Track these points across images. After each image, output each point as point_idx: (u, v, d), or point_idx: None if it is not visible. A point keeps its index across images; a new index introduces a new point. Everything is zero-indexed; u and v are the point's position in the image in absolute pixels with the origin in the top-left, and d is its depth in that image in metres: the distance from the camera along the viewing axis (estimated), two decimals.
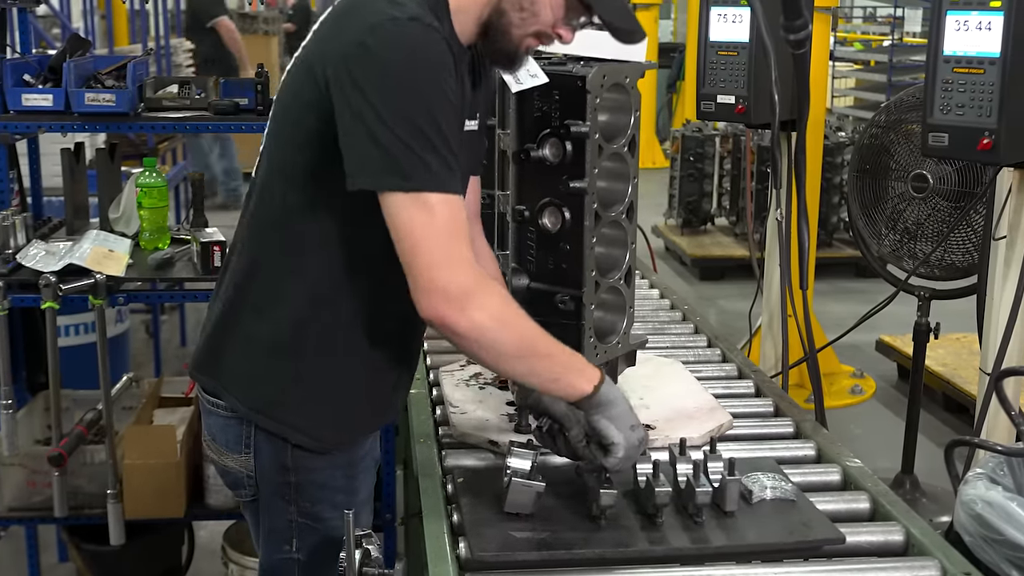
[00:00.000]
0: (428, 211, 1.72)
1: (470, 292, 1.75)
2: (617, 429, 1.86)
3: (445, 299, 1.74)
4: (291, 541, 2.01)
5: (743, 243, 8.00)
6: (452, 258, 1.74)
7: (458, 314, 1.75)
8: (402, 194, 1.72)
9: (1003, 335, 2.94)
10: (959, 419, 5.26)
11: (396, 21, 1.73)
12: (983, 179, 3.80)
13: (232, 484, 2.08)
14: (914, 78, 13.84)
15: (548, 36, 1.89)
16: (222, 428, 2.01)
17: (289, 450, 1.95)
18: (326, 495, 2.00)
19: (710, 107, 3.54)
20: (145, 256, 3.27)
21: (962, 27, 2.69)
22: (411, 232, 1.73)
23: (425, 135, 1.71)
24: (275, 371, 1.94)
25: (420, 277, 1.74)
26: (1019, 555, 1.87)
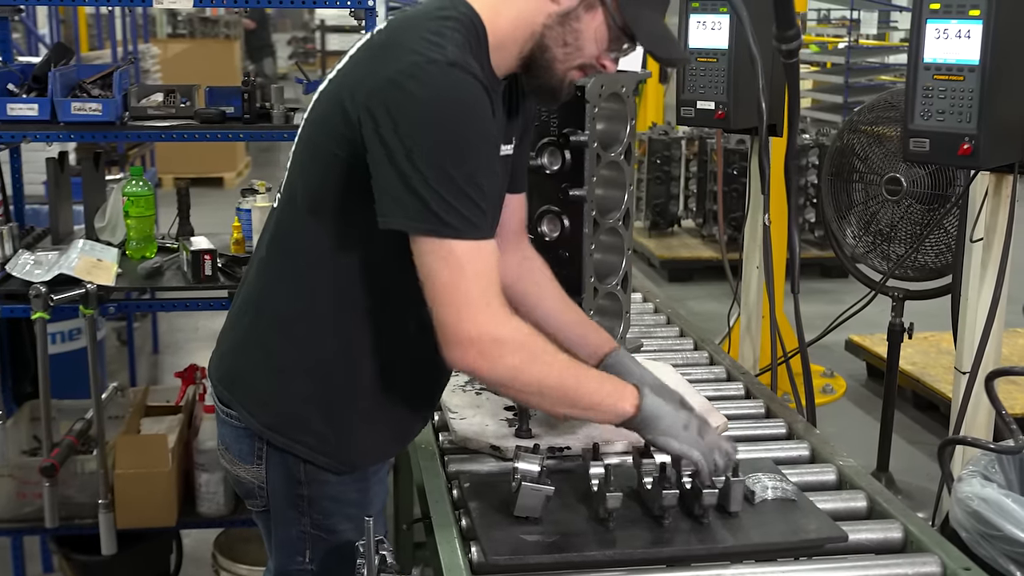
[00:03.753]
0: (456, 261, 1.72)
1: (499, 341, 1.75)
2: (677, 440, 1.89)
3: (476, 351, 1.75)
4: (304, 552, 2.01)
5: (710, 245, 8.09)
6: (480, 308, 1.74)
7: (488, 364, 1.76)
8: (432, 240, 1.72)
9: (981, 336, 3.00)
10: (929, 417, 5.36)
11: (436, 64, 1.70)
12: (955, 182, 3.88)
13: (245, 494, 2.08)
14: (870, 80, 14.02)
15: (592, 68, 1.88)
16: (235, 439, 2.01)
17: (301, 465, 1.95)
18: (339, 508, 2.00)
19: (690, 112, 3.58)
20: (133, 265, 3.27)
21: (942, 35, 2.75)
22: (439, 283, 1.73)
23: (457, 182, 1.70)
24: (294, 393, 1.93)
25: (447, 328, 1.75)
26: (1017, 550, 1.92)
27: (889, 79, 13.72)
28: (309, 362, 1.91)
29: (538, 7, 1.83)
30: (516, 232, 2.15)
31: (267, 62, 14.44)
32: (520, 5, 1.84)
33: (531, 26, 1.84)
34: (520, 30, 1.84)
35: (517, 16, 1.84)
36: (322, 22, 18.34)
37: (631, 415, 1.87)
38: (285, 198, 1.94)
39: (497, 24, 1.83)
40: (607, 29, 1.84)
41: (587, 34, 1.84)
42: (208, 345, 2.11)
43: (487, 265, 1.75)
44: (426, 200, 1.69)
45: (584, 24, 1.83)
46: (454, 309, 1.74)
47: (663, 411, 1.89)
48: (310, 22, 19.43)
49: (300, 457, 1.94)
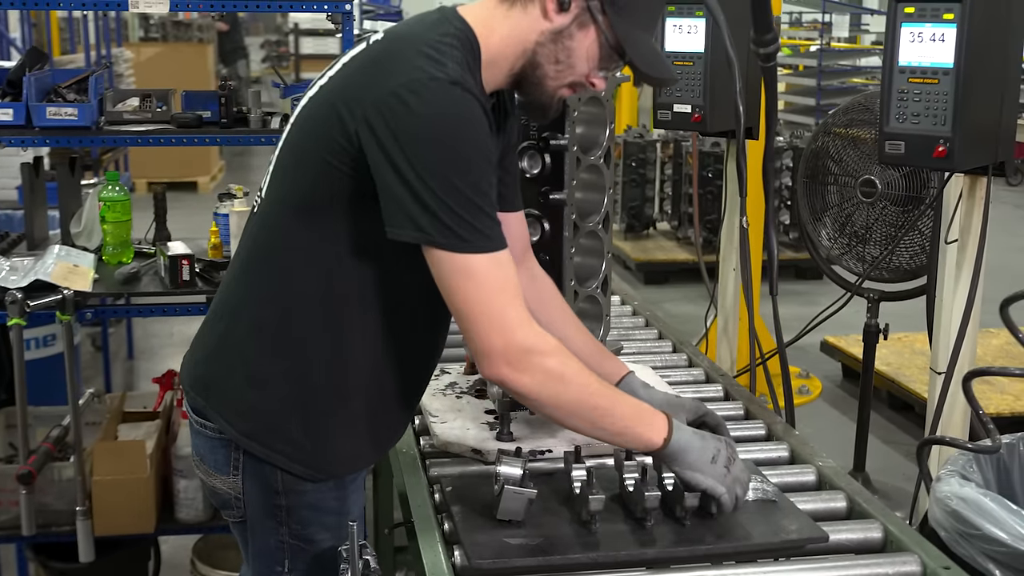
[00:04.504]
0: (476, 275, 1.74)
1: (528, 351, 1.77)
2: (703, 475, 1.89)
3: (505, 362, 1.76)
4: (283, 562, 2.00)
5: (686, 247, 8.12)
6: (506, 320, 1.76)
7: (519, 375, 1.77)
8: (450, 255, 1.73)
9: (956, 336, 3.02)
10: (904, 417, 5.40)
11: (439, 82, 1.71)
12: (929, 184, 3.92)
13: (221, 504, 2.06)
14: (842, 83, 14.12)
15: (582, 85, 1.89)
16: (210, 450, 1.99)
17: (279, 474, 1.93)
18: (317, 517, 1.98)
19: (667, 116, 3.60)
20: (110, 271, 3.25)
21: (916, 39, 2.77)
22: (463, 298, 1.75)
23: (466, 195, 1.71)
24: (271, 400, 1.91)
25: (478, 342, 1.77)
26: (996, 548, 1.94)
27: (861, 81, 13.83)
28: (288, 369, 1.90)
29: (531, 25, 1.84)
30: (521, 251, 2.14)
31: (240, 65, 14.38)
32: (513, 22, 1.84)
33: (523, 43, 1.84)
34: (512, 47, 1.85)
35: (510, 33, 1.84)
36: (296, 26, 18.28)
37: (658, 447, 1.88)
38: (267, 202, 1.93)
39: (491, 40, 1.84)
40: (599, 47, 1.84)
41: (579, 52, 1.84)
42: (184, 351, 2.09)
43: (506, 275, 1.77)
44: (438, 214, 1.70)
45: (576, 42, 1.84)
46: (481, 323, 1.75)
47: (692, 444, 1.89)
48: (283, 25, 19.37)
49: (277, 466, 1.93)
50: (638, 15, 1.85)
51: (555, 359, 1.80)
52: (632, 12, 1.83)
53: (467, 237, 1.72)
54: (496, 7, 1.86)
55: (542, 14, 1.83)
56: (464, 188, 1.71)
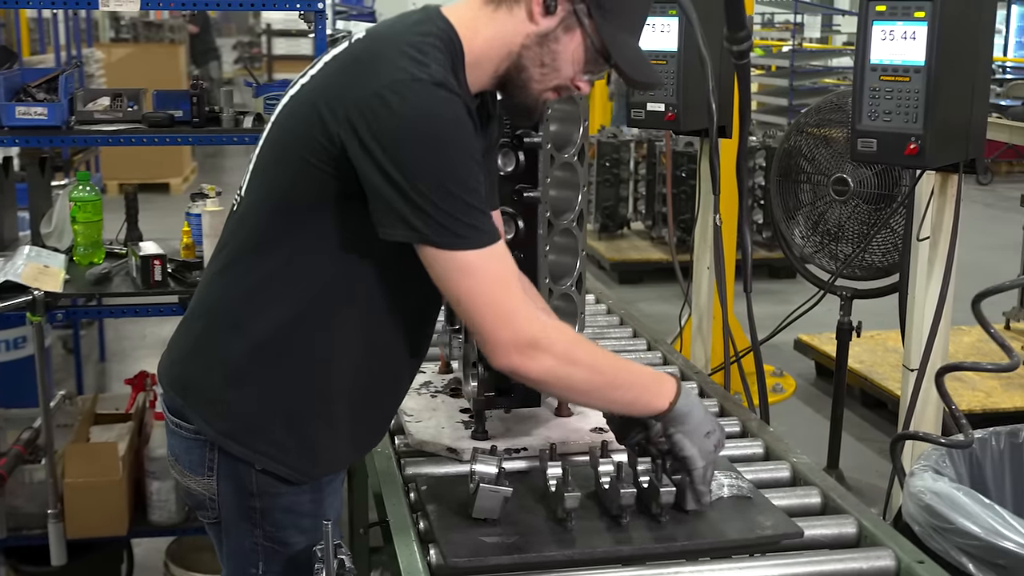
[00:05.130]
0: (475, 271, 1.75)
1: (535, 339, 1.78)
2: (691, 442, 1.92)
3: (516, 352, 1.78)
4: (257, 564, 1.98)
5: (660, 247, 8.14)
6: (509, 312, 1.77)
7: (529, 362, 1.79)
8: (445, 253, 1.73)
9: (928, 333, 3.04)
10: (877, 414, 5.43)
11: (422, 84, 1.71)
12: (900, 182, 3.94)
13: (196, 505, 2.04)
14: (814, 83, 14.20)
15: (567, 88, 1.89)
16: (186, 450, 1.97)
17: (254, 475, 1.92)
18: (292, 520, 1.96)
19: (640, 115, 3.60)
20: (81, 271, 3.23)
21: (888, 36, 2.79)
22: (467, 296, 1.77)
23: (454, 193, 1.71)
24: (252, 401, 1.90)
25: (486, 336, 1.78)
26: (969, 542, 1.95)
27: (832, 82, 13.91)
28: (270, 370, 1.88)
29: (517, 27, 1.83)
30: None
31: (212, 66, 14.31)
32: (499, 24, 1.84)
33: (509, 45, 1.84)
34: (497, 49, 1.84)
35: (495, 35, 1.84)
36: (268, 26, 18.21)
37: (664, 411, 1.91)
38: (246, 201, 1.91)
39: (474, 42, 1.83)
40: (584, 51, 1.84)
41: (565, 55, 1.84)
42: (156, 352, 2.08)
43: (504, 267, 1.79)
44: (430, 214, 1.70)
45: (562, 45, 1.83)
46: (487, 318, 1.77)
47: (695, 412, 1.93)
48: (255, 26, 19.29)
49: (255, 467, 1.91)
50: (624, 18, 1.85)
51: (562, 343, 1.82)
52: (618, 15, 1.83)
53: (462, 233, 1.72)
54: (481, 8, 1.85)
55: (528, 17, 1.82)
56: (453, 186, 1.71)
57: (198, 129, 3.36)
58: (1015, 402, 5.02)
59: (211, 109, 3.45)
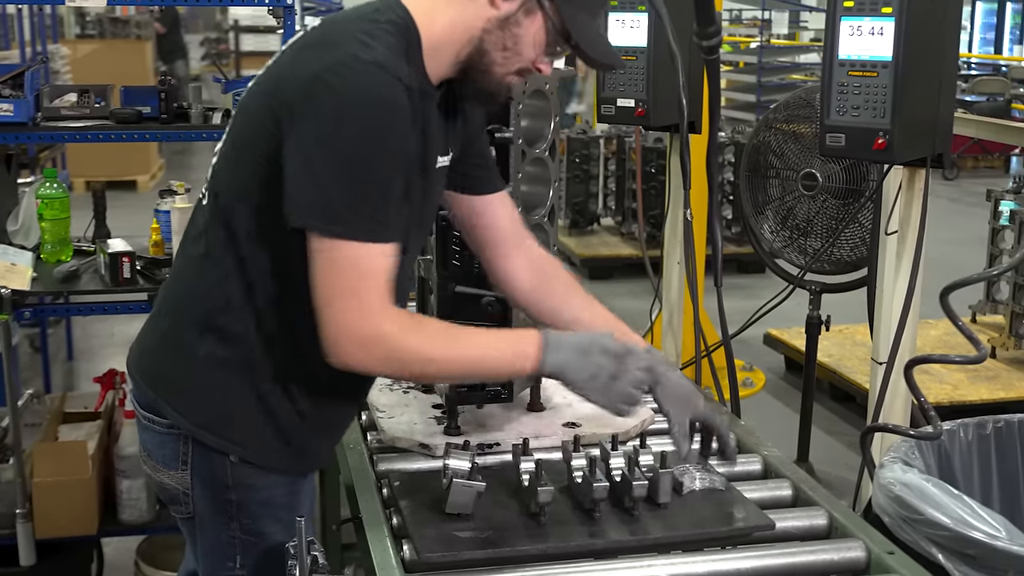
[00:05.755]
0: (343, 260, 1.73)
1: (381, 334, 1.77)
2: (586, 391, 1.91)
3: (355, 345, 1.77)
4: (235, 558, 1.98)
5: (630, 242, 8.16)
6: (361, 305, 1.75)
7: (367, 357, 1.78)
8: (323, 239, 1.73)
9: (897, 326, 3.06)
10: (845, 407, 5.47)
11: (359, 62, 1.71)
12: (868, 177, 3.97)
13: (169, 500, 2.04)
14: (782, 79, 14.26)
15: (529, 71, 1.90)
16: (158, 444, 1.97)
17: (229, 467, 1.92)
18: (268, 512, 1.97)
19: (610, 110, 3.61)
20: (49, 269, 3.20)
21: (856, 32, 2.80)
22: (323, 281, 1.75)
23: (361, 183, 1.71)
24: (224, 391, 1.91)
25: (326, 326, 1.77)
26: (938, 533, 1.97)
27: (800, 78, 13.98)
28: (237, 360, 1.89)
29: (477, 12, 1.84)
30: (513, 232, 2.14)
31: (179, 65, 14.22)
32: (457, 9, 1.84)
33: (469, 31, 1.84)
34: (458, 34, 1.85)
35: (453, 21, 1.84)
36: (235, 23, 18.11)
37: (535, 372, 1.90)
38: (210, 195, 1.91)
39: (432, 29, 1.83)
40: (545, 33, 1.85)
41: (526, 38, 1.84)
42: (125, 351, 2.07)
43: (376, 268, 1.76)
44: (327, 198, 1.71)
45: (524, 29, 1.84)
46: (333, 309, 1.75)
47: (568, 364, 1.88)
48: (223, 23, 19.18)
49: (231, 457, 1.91)
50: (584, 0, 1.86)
51: (401, 335, 1.79)
52: None
53: (350, 221, 1.72)
54: None
55: (488, 1, 1.83)
56: (362, 177, 1.71)
57: (167, 125, 3.34)
58: (981, 394, 5.07)
59: (179, 105, 3.43)
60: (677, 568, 1.85)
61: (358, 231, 1.73)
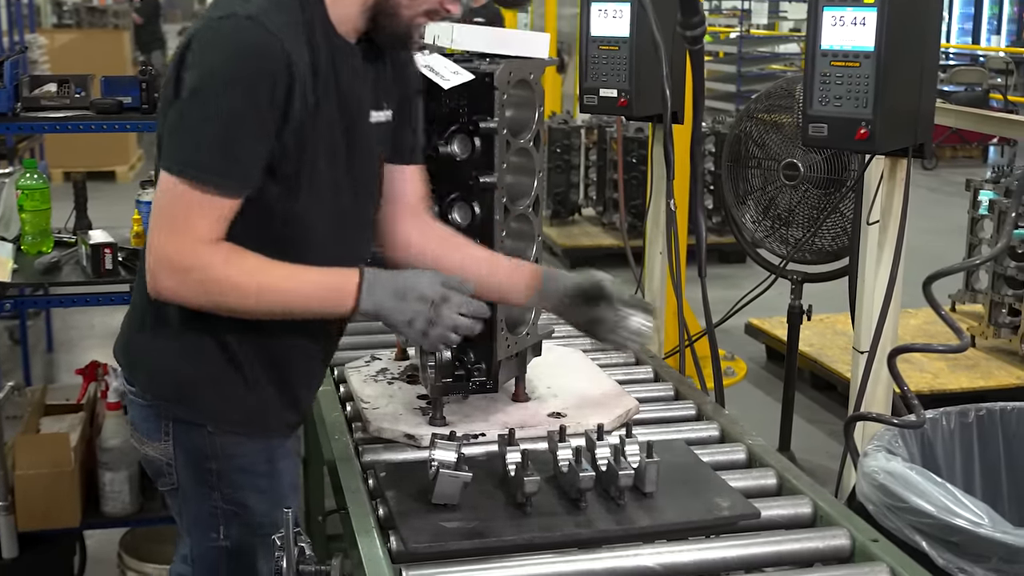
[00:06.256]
0: (180, 198, 1.82)
1: (199, 264, 1.83)
2: (403, 333, 2.02)
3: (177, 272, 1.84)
4: (218, 529, 2.04)
5: (611, 233, 8.16)
6: (180, 240, 1.83)
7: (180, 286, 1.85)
8: (172, 178, 1.83)
9: (879, 315, 3.08)
10: (827, 396, 5.49)
11: (233, 18, 1.80)
12: (849, 167, 3.99)
13: (155, 473, 2.11)
14: (761, 69, 14.31)
15: (437, 13, 1.95)
16: (143, 418, 2.06)
17: (207, 438, 1.99)
18: (249, 480, 2.03)
19: (593, 100, 3.60)
20: (29, 260, 3.18)
21: (838, 22, 2.81)
22: (156, 212, 1.86)
23: (214, 131, 1.80)
24: (190, 362, 1.99)
25: (149, 255, 1.86)
26: (922, 520, 1.99)
27: (780, 68, 14.03)
28: (192, 326, 1.96)
29: None
30: (414, 205, 2.19)
31: (157, 54, 14.15)
32: None
33: None
34: None
35: None
36: None
37: (353, 311, 1.94)
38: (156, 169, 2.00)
39: None
40: None
41: None
42: (104, 343, 2.18)
43: (213, 214, 1.83)
44: (183, 142, 1.84)
45: None
46: (158, 235, 1.84)
47: (385, 305, 1.93)
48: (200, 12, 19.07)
49: (208, 427, 1.99)
50: None
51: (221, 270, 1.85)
52: None
53: (203, 165, 1.81)
54: None
55: None
56: (217, 127, 1.81)
57: (147, 116, 3.32)
58: (961, 383, 5.10)
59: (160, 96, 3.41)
60: (663, 557, 1.86)
61: (207, 178, 1.81)
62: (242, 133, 1.81)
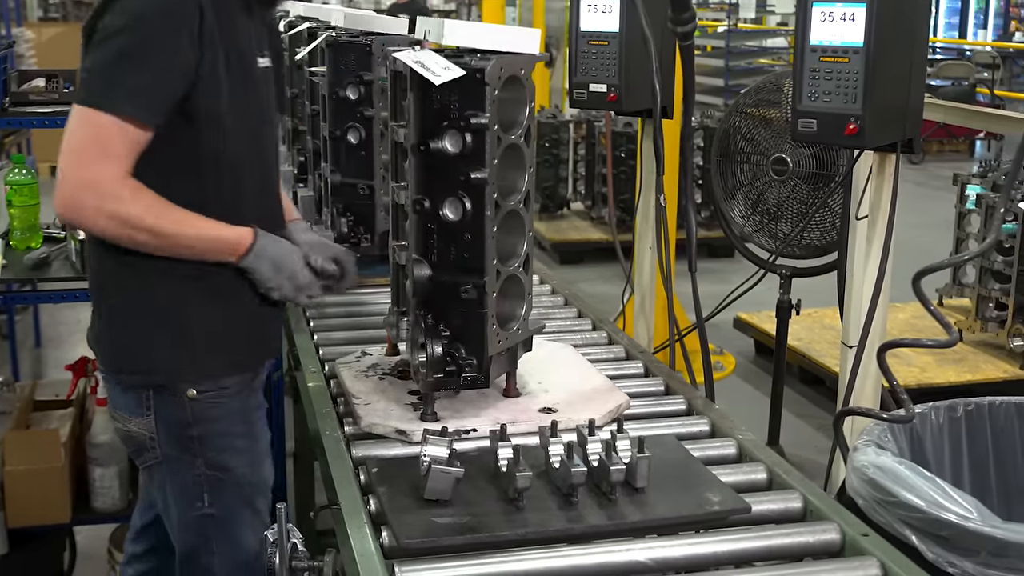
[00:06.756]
0: (95, 126, 1.99)
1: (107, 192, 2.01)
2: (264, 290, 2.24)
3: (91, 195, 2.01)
4: (203, 496, 2.18)
5: (599, 227, 8.18)
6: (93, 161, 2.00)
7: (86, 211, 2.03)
8: (84, 108, 2.00)
9: (867, 310, 3.09)
10: (815, 391, 5.52)
11: None
12: (838, 162, 4.00)
13: (136, 450, 2.22)
14: (749, 63, 14.32)
15: None
16: (121, 395, 2.19)
17: (187, 405, 2.15)
18: (228, 442, 2.21)
19: (582, 95, 3.60)
20: (18, 256, 3.17)
21: (827, 18, 2.82)
22: (68, 140, 2.01)
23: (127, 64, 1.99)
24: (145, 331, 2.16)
25: (57, 181, 2.02)
26: (912, 514, 2.00)
27: (767, 62, 14.04)
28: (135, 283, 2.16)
29: None
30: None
31: None
32: None
33: None
34: None
35: None
36: None
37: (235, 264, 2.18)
38: None
39: None
40: None
41: None
42: None
43: (128, 144, 2.01)
44: (95, 77, 2.01)
45: None
46: (71, 157, 2.01)
47: (259, 272, 2.21)
48: None
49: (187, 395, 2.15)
50: None
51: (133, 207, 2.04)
52: None
53: (109, 95, 1.99)
54: None
55: None
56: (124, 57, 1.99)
57: None
58: (948, 377, 5.13)
59: None
60: (655, 552, 1.86)
61: (116, 105, 1.99)
62: (158, 67, 2.01)
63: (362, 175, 3.13)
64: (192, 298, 2.18)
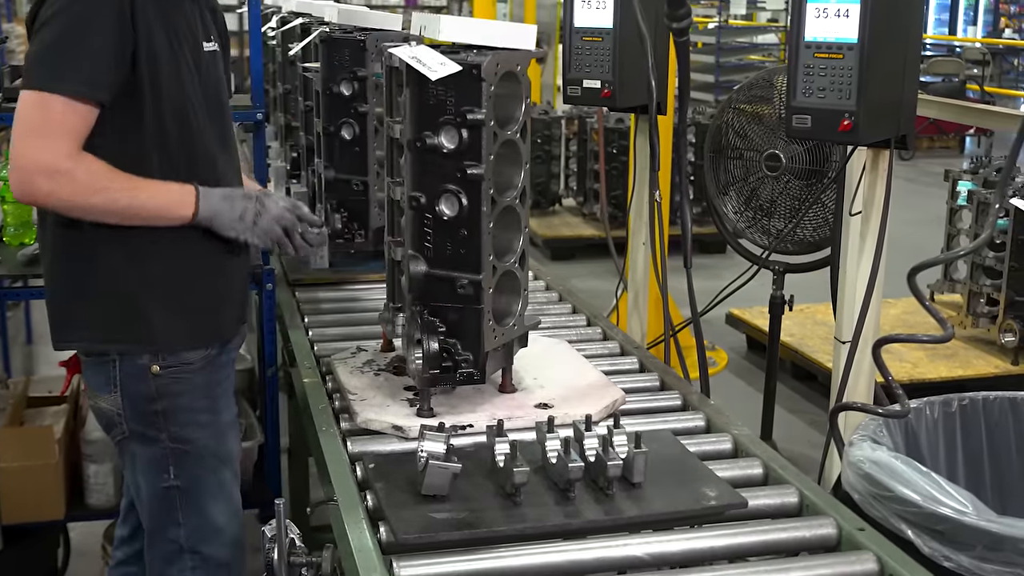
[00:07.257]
0: (44, 107, 2.06)
1: (57, 168, 2.07)
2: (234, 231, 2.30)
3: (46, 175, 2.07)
4: (168, 469, 2.28)
5: (592, 223, 8.18)
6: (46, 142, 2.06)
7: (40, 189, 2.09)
8: (32, 91, 2.08)
9: (861, 306, 3.09)
10: (807, 386, 5.53)
11: None
12: (831, 158, 4.00)
13: (107, 425, 2.32)
14: (740, 59, 14.33)
15: None
16: (93, 373, 2.29)
17: (151, 380, 2.25)
18: (191, 417, 2.31)
19: (576, 92, 3.60)
20: (12, 252, 3.16)
21: (822, 14, 2.82)
22: (18, 120, 2.08)
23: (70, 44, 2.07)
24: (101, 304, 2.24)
25: (11, 160, 2.09)
26: (907, 509, 2.00)
27: (758, 58, 14.05)
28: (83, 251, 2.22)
29: None
30: None
31: None
32: None
33: None
34: None
35: None
36: None
37: (191, 218, 2.24)
38: None
39: None
40: None
41: None
42: None
43: (77, 121, 2.09)
44: (40, 61, 2.08)
45: None
46: (22, 140, 2.07)
47: (220, 209, 2.26)
48: None
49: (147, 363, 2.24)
50: None
51: (82, 179, 2.11)
52: None
53: (59, 77, 2.06)
54: None
55: None
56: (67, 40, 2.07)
57: None
58: (940, 372, 5.15)
59: None
60: (652, 547, 1.87)
61: (67, 84, 2.06)
62: (95, 45, 2.08)
63: (356, 171, 3.14)
64: (148, 263, 2.24)
